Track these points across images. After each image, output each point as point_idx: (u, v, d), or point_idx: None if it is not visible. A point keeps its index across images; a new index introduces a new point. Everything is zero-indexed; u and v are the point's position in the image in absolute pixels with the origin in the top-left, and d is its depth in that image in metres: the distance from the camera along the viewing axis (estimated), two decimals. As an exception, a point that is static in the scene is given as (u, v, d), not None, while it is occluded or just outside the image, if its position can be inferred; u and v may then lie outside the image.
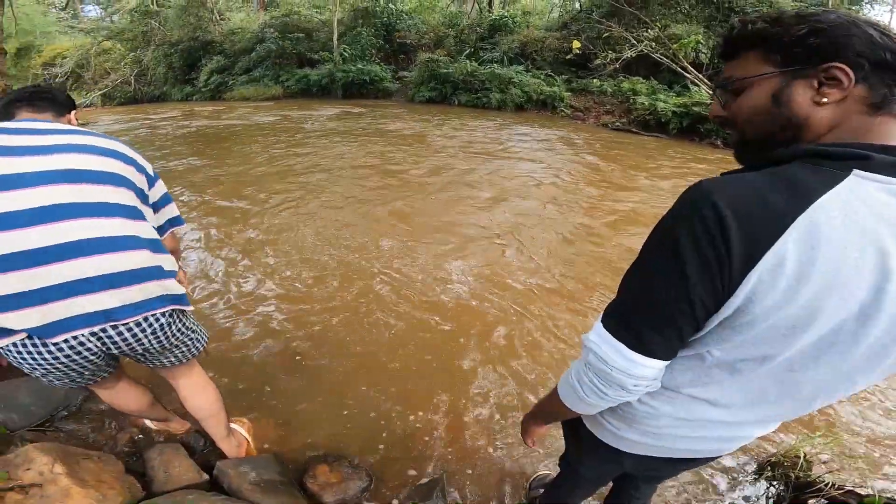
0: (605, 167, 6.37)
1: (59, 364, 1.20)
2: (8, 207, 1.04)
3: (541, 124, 9.62)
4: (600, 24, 10.95)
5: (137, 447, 1.95)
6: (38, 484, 1.54)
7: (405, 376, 2.33)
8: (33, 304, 1.07)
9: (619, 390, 0.68)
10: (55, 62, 18.83)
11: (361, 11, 15.85)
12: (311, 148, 7.47)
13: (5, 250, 1.03)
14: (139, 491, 1.65)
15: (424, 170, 6.04)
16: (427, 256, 3.58)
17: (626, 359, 0.65)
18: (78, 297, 1.11)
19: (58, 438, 1.95)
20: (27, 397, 2.11)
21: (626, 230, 4.14)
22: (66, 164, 1.12)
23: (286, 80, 15.04)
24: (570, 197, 5.03)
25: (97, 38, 18.92)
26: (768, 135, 0.64)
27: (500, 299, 3.00)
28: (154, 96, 17.40)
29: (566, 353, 2.50)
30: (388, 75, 14.41)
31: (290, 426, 2.06)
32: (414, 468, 1.84)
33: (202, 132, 9.27)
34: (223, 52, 16.68)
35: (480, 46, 14.09)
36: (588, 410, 0.79)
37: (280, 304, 3.00)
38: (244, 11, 21.64)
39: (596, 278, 3.31)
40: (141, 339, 1.27)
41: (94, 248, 1.12)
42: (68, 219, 1.09)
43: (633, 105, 9.64)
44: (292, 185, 5.38)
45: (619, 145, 8.03)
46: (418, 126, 9.43)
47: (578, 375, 0.74)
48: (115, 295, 1.16)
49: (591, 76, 11.18)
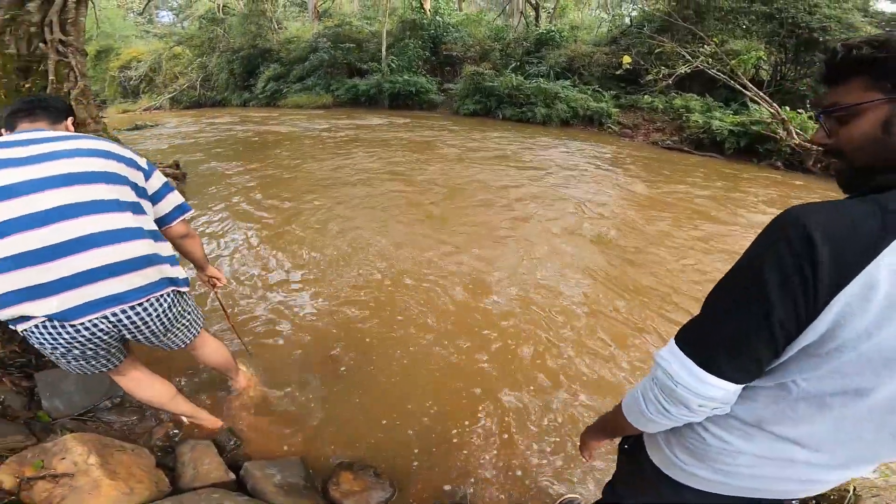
0: (659, 188, 6.15)
1: (77, 344, 1.34)
2: (9, 215, 1.18)
3: (587, 140, 9.46)
4: (652, 40, 10.70)
5: (171, 442, 1.99)
6: (70, 474, 1.59)
7: (445, 392, 2.30)
8: (50, 293, 1.23)
9: (683, 409, 0.68)
10: (130, 65, 20.02)
11: (409, 23, 16.18)
12: (357, 156, 7.63)
13: (15, 251, 1.19)
14: (166, 486, 1.68)
15: (468, 182, 6.04)
16: (473, 274, 3.56)
17: (695, 377, 0.64)
18: (88, 286, 1.26)
19: (98, 429, 2.02)
20: (72, 386, 2.17)
21: (679, 253, 3.97)
22: (57, 170, 1.25)
23: (336, 89, 15.51)
24: (620, 218, 4.88)
25: (169, 44, 20.13)
26: (876, 163, 0.61)
27: (544, 321, 2.95)
28: (216, 101, 18.29)
29: (605, 380, 2.43)
30: (433, 87, 14.60)
31: (322, 430, 2.07)
32: (440, 483, 1.82)
33: (255, 137, 9.67)
34: (279, 60, 17.41)
35: (526, 60, 14.06)
36: (648, 427, 0.78)
37: (323, 307, 3.05)
38: (300, 21, 22.55)
39: (648, 304, 3.18)
40: (147, 320, 1.41)
41: (96, 241, 1.27)
42: (69, 218, 1.24)
43: (686, 123, 9.31)
44: (338, 192, 5.51)
45: (671, 164, 7.77)
46: (464, 139, 9.47)
47: (644, 390, 0.74)
48: (123, 281, 1.31)
49: (642, 92, 10.90)
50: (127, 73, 19.89)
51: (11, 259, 1.19)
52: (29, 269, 1.20)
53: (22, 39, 4.70)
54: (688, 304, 3.12)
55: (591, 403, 2.25)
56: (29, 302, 1.22)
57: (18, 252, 1.19)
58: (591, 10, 23.51)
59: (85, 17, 5.26)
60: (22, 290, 1.21)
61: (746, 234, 4.48)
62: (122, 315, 1.35)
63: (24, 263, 1.20)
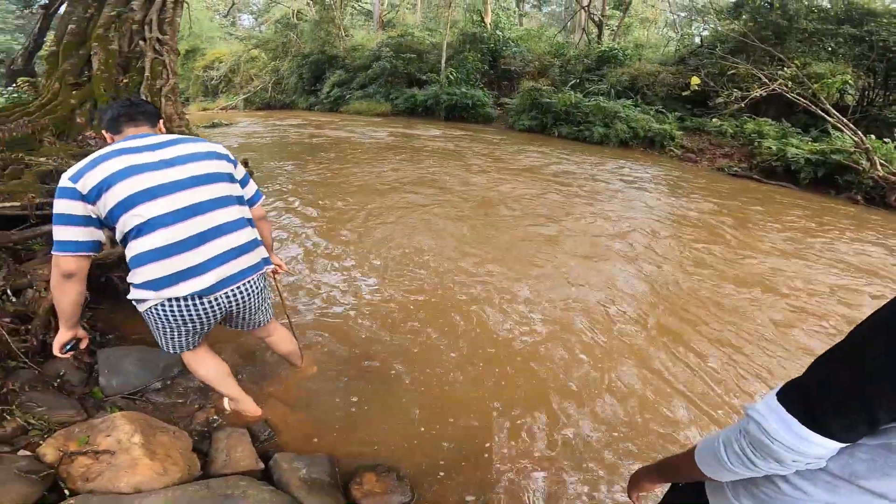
0: (726, 218, 5.78)
1: (203, 318, 1.58)
2: (156, 212, 1.43)
3: (647, 163, 9.12)
4: (724, 60, 10.20)
5: (210, 427, 2.03)
6: (111, 451, 1.62)
7: (483, 408, 2.26)
8: (202, 272, 1.49)
9: (772, 463, 0.68)
10: (213, 65, 21.38)
11: (469, 36, 16.34)
12: (414, 165, 7.72)
13: (165, 242, 1.43)
14: (197, 470, 1.72)
15: (523, 196, 5.94)
16: (523, 289, 3.48)
17: (796, 435, 0.64)
18: (225, 265, 1.55)
19: (145, 409, 2.07)
20: (131, 366, 2.25)
21: (742, 293, 3.67)
22: (186, 173, 1.51)
23: (395, 97, 15.87)
24: (679, 250, 4.61)
25: (247, 46, 21.37)
26: None
27: (591, 342, 2.84)
28: (284, 103, 19.16)
29: (660, 417, 2.28)
30: (489, 101, 14.62)
31: (354, 430, 2.08)
32: (462, 495, 1.80)
33: (316, 140, 10.02)
34: (344, 66, 18.07)
35: (586, 78, 13.80)
36: (722, 476, 0.78)
37: (367, 311, 3.06)
38: (365, 30, 23.35)
39: (696, 329, 2.95)
40: (251, 295, 1.68)
41: (226, 230, 1.57)
42: (203, 213, 1.52)
43: (758, 149, 8.74)
44: (394, 198, 5.56)
45: (740, 193, 7.31)
46: (520, 154, 9.39)
47: (728, 441, 0.73)
48: (242, 261, 1.60)
49: (710, 115, 10.38)
50: (209, 72, 21.23)
51: (162, 249, 1.43)
52: (179, 256, 1.45)
53: (124, 37, 5.09)
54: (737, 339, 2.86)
55: (637, 442, 2.12)
56: (182, 283, 1.47)
57: (169, 243, 1.44)
58: (657, 28, 22.89)
59: (180, 18, 5.64)
60: (175, 273, 1.45)
61: (820, 271, 4.09)
62: (242, 288, 1.63)
63: (173, 252, 1.45)
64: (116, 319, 2.78)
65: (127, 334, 2.66)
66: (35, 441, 1.72)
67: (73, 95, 4.71)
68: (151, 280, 1.45)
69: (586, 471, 1.94)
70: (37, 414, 1.87)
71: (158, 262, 1.43)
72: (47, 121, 4.22)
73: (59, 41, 5.33)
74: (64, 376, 2.19)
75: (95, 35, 5.02)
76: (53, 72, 5.06)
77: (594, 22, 17.24)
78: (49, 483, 1.51)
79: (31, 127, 3.96)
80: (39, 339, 2.26)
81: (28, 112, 4.45)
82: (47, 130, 4.11)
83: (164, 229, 1.43)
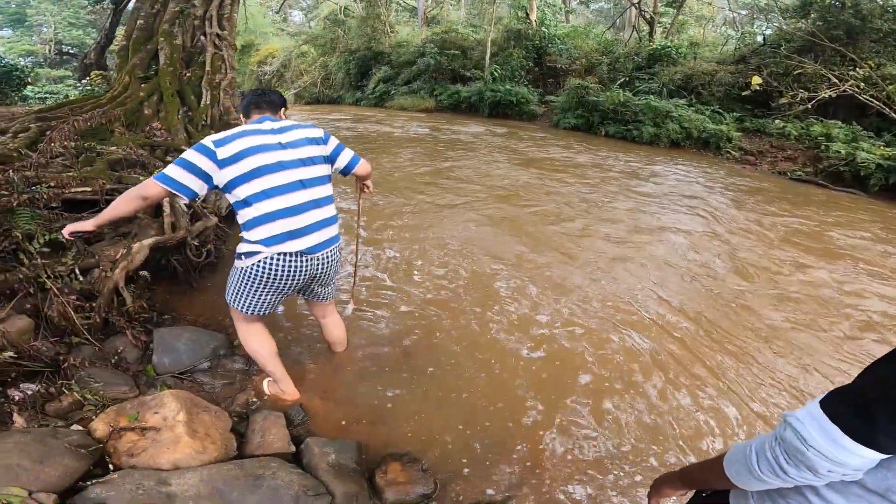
0: (791, 223, 5.43)
1: (298, 276, 1.85)
2: (277, 182, 1.77)
3: (702, 165, 8.69)
4: (790, 60, 9.57)
5: (248, 409, 2.09)
6: (157, 428, 1.67)
7: (517, 406, 2.24)
8: (305, 235, 1.82)
9: (806, 472, 0.66)
10: (266, 61, 22.11)
11: (514, 33, 16.06)
12: (457, 161, 7.71)
13: (282, 206, 1.77)
14: (233, 450, 1.77)
15: (570, 196, 5.81)
16: (572, 287, 3.41)
17: (836, 443, 0.63)
18: (320, 231, 1.87)
19: (191, 388, 2.13)
20: (182, 346, 2.33)
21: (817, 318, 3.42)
22: (298, 155, 1.85)
23: (439, 94, 15.88)
24: (740, 261, 4.36)
25: (298, 42, 21.92)
26: None
27: (640, 345, 2.76)
28: (332, 98, 19.55)
29: (698, 429, 2.19)
30: (534, 98, 14.36)
31: (386, 418, 2.11)
32: (483, 489, 1.79)
33: (363, 134, 10.19)
34: (390, 62, 18.23)
35: (636, 76, 13.31)
36: (750, 486, 0.77)
37: (407, 302, 3.09)
38: (410, 26, 23.48)
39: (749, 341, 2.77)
40: (331, 262, 1.97)
41: (323, 203, 1.91)
42: (310, 187, 1.86)
43: (825, 152, 8.16)
44: (439, 192, 5.56)
45: (804, 197, 6.85)
46: (569, 152, 9.20)
47: (761, 448, 0.72)
48: (329, 231, 1.92)
49: (772, 116, 9.78)
50: (263, 67, 21.97)
51: (275, 213, 1.75)
52: (288, 219, 1.77)
53: (187, 32, 5.33)
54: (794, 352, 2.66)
55: (671, 451, 2.05)
56: (290, 241, 1.78)
57: (280, 208, 1.75)
58: (714, 26, 21.79)
59: (237, 14, 5.85)
60: (285, 233, 1.76)
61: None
62: (328, 254, 1.92)
63: (284, 216, 1.76)
64: (172, 301, 2.91)
65: (181, 315, 2.78)
66: (88, 416, 1.81)
67: (142, 88, 4.98)
68: (265, 238, 1.75)
69: (619, 477, 1.91)
70: (93, 389, 1.97)
71: (272, 223, 1.74)
72: (118, 112, 4.48)
73: (128, 36, 5.65)
74: (121, 353, 2.30)
75: (162, 31, 5.28)
76: (124, 66, 5.38)
77: (645, 19, 16.60)
78: (97, 458, 1.57)
79: (103, 118, 4.22)
80: (102, 317, 2.39)
81: (100, 104, 4.75)
82: (118, 121, 4.37)
83: (279, 197, 1.75)
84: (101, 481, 1.47)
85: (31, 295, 2.29)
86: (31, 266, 2.35)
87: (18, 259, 2.40)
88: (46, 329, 2.21)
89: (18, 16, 30.31)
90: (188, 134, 4.72)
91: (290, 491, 1.54)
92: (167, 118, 4.76)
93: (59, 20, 29.06)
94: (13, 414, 1.73)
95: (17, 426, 1.68)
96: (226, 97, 5.40)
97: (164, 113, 4.82)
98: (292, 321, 2.84)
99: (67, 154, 3.51)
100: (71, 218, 2.85)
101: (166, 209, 3.09)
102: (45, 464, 1.43)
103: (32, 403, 1.81)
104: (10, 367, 1.89)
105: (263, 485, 1.54)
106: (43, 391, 1.88)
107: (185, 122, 4.85)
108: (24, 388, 1.85)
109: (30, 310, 2.23)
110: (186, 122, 4.89)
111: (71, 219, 2.84)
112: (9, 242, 2.42)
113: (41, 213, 2.68)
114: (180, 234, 2.97)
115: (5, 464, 1.40)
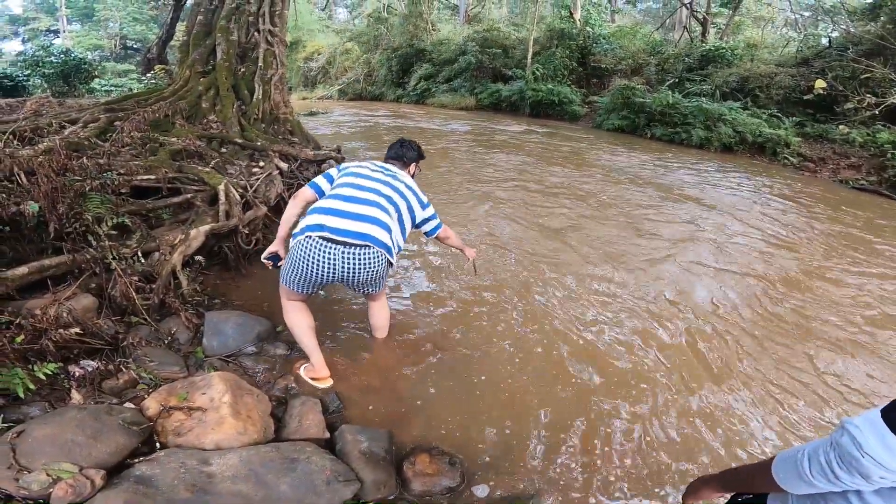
0: (852, 232, 5.09)
1: (328, 265, 1.95)
2: (355, 193, 2.06)
3: (757, 171, 8.26)
4: (857, 63, 8.95)
5: (287, 394, 2.12)
6: (203, 409, 1.71)
7: (553, 404, 2.24)
8: (341, 218, 1.97)
9: (858, 478, 0.67)
10: (313, 57, 22.60)
11: (557, 32, 15.77)
12: (498, 160, 7.66)
13: (343, 209, 2.00)
14: (271, 433, 1.81)
15: (612, 200, 5.66)
16: (619, 289, 3.35)
17: (893, 452, 0.63)
18: (359, 223, 1.98)
19: (236, 371, 2.18)
20: (230, 329, 2.39)
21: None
22: (390, 190, 2.15)
23: (480, 92, 15.80)
24: (805, 276, 4.11)
25: (342, 39, 22.30)
26: None
27: (682, 363, 2.64)
28: (374, 95, 19.73)
29: (736, 444, 2.10)
30: (577, 98, 14.06)
31: (420, 410, 2.12)
32: (510, 486, 1.79)
33: (404, 131, 10.27)
34: (431, 60, 18.27)
35: (687, 77, 12.77)
36: (798, 489, 0.77)
37: (450, 297, 3.11)
38: (452, 24, 23.47)
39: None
40: (363, 264, 2.00)
41: (378, 223, 2.02)
42: (375, 207, 2.05)
43: (892, 161, 7.60)
44: (480, 190, 5.54)
45: (868, 207, 6.40)
46: (614, 154, 8.98)
47: (815, 453, 0.72)
48: (370, 228, 1.99)
49: (836, 121, 9.18)
50: (309, 63, 22.49)
51: (337, 210, 1.98)
52: (341, 220, 1.97)
53: (242, 28, 5.51)
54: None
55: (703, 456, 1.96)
56: (327, 229, 1.94)
57: (343, 210, 1.99)
58: (774, 27, 20.67)
59: (288, 11, 6.00)
60: (330, 226, 1.93)
61: None
62: (359, 253, 1.97)
63: (341, 216, 1.97)
64: (223, 286, 3.02)
65: (230, 300, 2.88)
66: (141, 395, 1.88)
67: (201, 83, 5.21)
68: (312, 224, 1.96)
69: (655, 483, 1.87)
70: (148, 368, 2.05)
71: (324, 215, 1.98)
72: (179, 105, 4.70)
73: (189, 31, 5.92)
74: (174, 334, 2.40)
75: (220, 26, 5.50)
76: (185, 60, 5.64)
77: (697, 19, 15.92)
78: (146, 435, 1.62)
79: (166, 110, 4.43)
80: (160, 299, 2.50)
81: (163, 97, 4.99)
82: (179, 114, 4.59)
83: (344, 202, 2.02)
84: (147, 459, 1.52)
85: (97, 275, 2.43)
86: (99, 247, 2.49)
87: (87, 241, 2.54)
88: (108, 308, 2.34)
89: (87, 11, 32.36)
90: (241, 127, 4.89)
91: (322, 476, 1.58)
92: (223, 111, 4.96)
93: (123, 15, 30.80)
94: (71, 390, 1.81)
95: (74, 402, 1.76)
96: (276, 92, 5.56)
97: (220, 106, 5.02)
98: (339, 306, 2.91)
99: (134, 144, 3.71)
100: (136, 204, 3.02)
101: (221, 197, 3.21)
102: (98, 440, 1.48)
103: (91, 380, 1.89)
104: (73, 344, 1.99)
105: (297, 468, 1.58)
106: (102, 368, 1.96)
107: (238, 115, 5.03)
108: (84, 365, 1.94)
109: (94, 289, 2.37)
110: (240, 115, 5.07)
111: (136, 204, 3.01)
112: (80, 224, 2.57)
113: (110, 197, 2.84)
114: (233, 223, 3.09)
115: (61, 439, 1.45)
